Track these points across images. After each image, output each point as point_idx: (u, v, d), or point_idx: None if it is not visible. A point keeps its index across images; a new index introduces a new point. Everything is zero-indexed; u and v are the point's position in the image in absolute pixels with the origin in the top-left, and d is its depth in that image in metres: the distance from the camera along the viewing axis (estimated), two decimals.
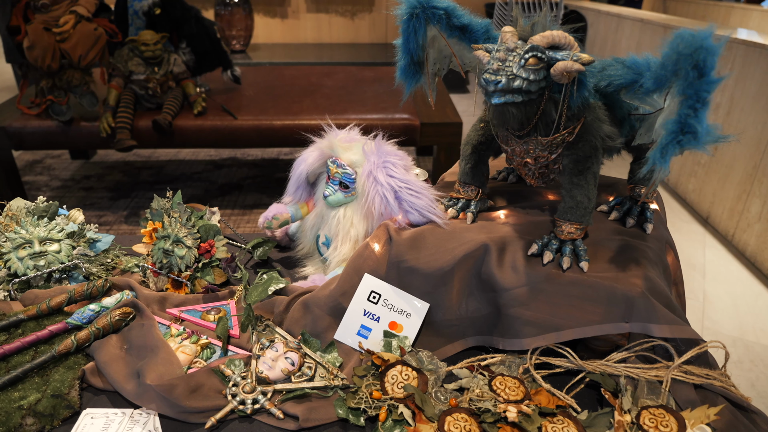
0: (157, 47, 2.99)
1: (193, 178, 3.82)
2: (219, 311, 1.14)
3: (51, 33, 2.76)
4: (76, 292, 1.13)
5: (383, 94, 3.46)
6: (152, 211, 1.27)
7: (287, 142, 3.15)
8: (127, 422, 0.94)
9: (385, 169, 1.11)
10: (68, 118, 2.94)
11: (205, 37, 3.24)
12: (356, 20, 5.52)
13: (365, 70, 3.93)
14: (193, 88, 3.11)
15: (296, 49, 5.56)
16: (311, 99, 3.34)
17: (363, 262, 1.08)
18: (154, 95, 3.04)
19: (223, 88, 3.48)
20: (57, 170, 3.83)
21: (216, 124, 3.03)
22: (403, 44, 1.14)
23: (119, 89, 2.99)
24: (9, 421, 0.91)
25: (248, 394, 0.96)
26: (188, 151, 4.21)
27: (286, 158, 4.13)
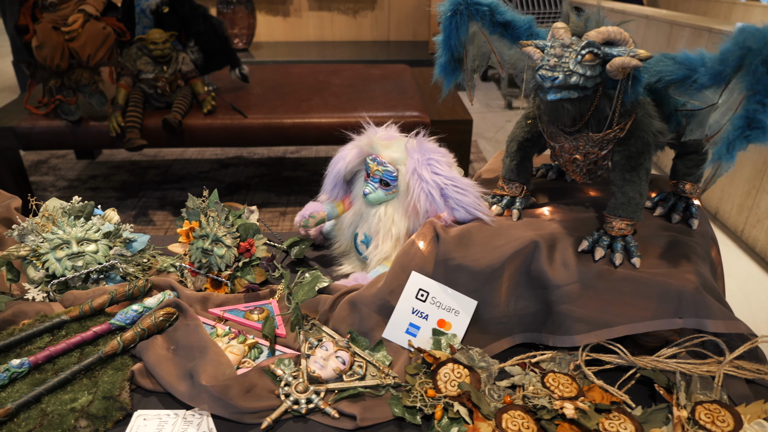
0: (166, 46, 2.97)
1: (200, 177, 3.81)
2: (262, 311, 1.13)
3: (60, 32, 2.74)
4: (117, 293, 1.12)
5: (392, 91, 3.45)
6: (188, 210, 1.26)
7: (297, 141, 3.14)
8: (181, 423, 0.94)
9: (429, 167, 1.10)
10: (77, 117, 2.91)
11: (213, 35, 3.22)
12: (358, 18, 5.50)
13: (372, 68, 3.92)
14: (201, 87, 3.10)
15: (298, 47, 5.54)
16: (320, 97, 3.32)
17: (409, 260, 1.07)
18: (163, 94, 3.02)
19: (231, 87, 3.46)
20: (63, 170, 3.80)
21: (226, 123, 3.01)
22: (443, 41, 1.14)
23: (128, 88, 2.97)
24: (63, 424, 0.90)
25: (301, 393, 0.96)
26: (194, 150, 4.19)
27: (293, 157, 4.12)
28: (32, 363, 1.00)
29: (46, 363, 1.02)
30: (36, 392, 0.94)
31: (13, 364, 0.98)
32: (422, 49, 5.47)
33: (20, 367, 0.98)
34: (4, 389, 0.97)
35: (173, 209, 3.35)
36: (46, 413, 0.93)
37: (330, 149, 4.23)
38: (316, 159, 4.10)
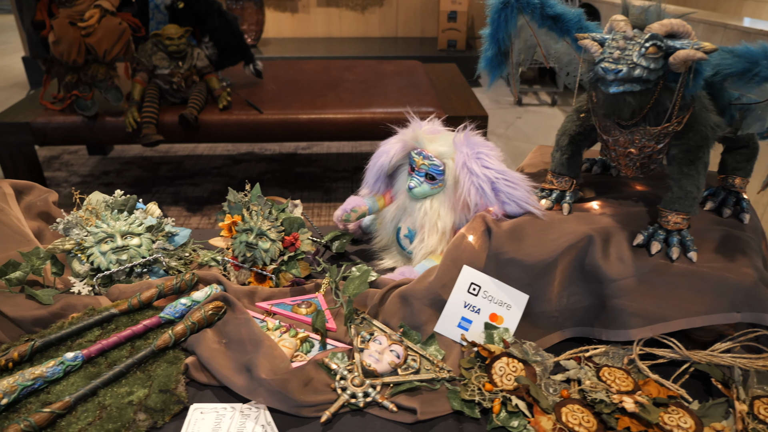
0: (182, 41, 2.96)
1: (213, 173, 3.80)
2: (309, 305, 1.13)
3: (76, 27, 2.73)
4: (165, 287, 1.11)
5: (405, 87, 3.44)
6: (230, 204, 1.25)
7: (313, 137, 3.13)
8: (238, 417, 0.93)
9: (479, 160, 1.10)
10: (93, 113, 2.90)
11: (227, 31, 3.21)
12: (366, 14, 5.49)
13: (384, 64, 3.91)
14: (217, 83, 3.09)
15: (306, 43, 5.53)
16: (334, 93, 3.32)
17: (460, 254, 1.07)
18: (179, 90, 3.01)
19: (244, 83, 3.45)
20: (75, 166, 3.79)
21: (241, 119, 3.00)
22: (491, 34, 1.14)
23: (144, 84, 2.96)
24: (122, 417, 0.90)
25: (358, 387, 0.96)
26: (206, 146, 4.17)
27: (304, 153, 4.11)
28: (85, 356, 0.99)
29: (98, 356, 1.01)
30: (92, 385, 0.94)
31: (67, 357, 0.98)
32: (431, 45, 5.46)
33: (74, 360, 0.98)
34: (59, 382, 0.97)
35: (187, 205, 3.35)
36: (104, 406, 0.92)
37: (342, 145, 4.22)
38: (327, 155, 4.09)
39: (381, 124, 3.13)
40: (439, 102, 3.20)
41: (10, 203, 1.31)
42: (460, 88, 3.56)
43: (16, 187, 1.37)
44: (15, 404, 0.93)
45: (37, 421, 0.87)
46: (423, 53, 5.21)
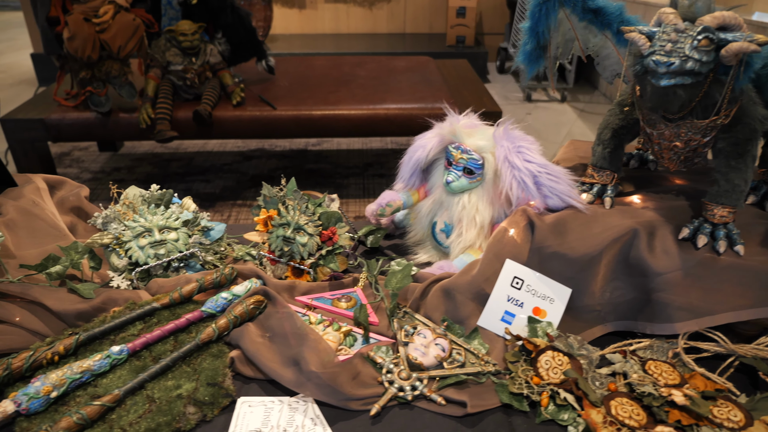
0: (195, 37, 2.95)
1: (224, 169, 3.79)
2: (349, 299, 1.13)
3: (91, 23, 2.72)
4: (205, 281, 1.11)
5: (418, 83, 3.44)
6: (265, 198, 1.25)
7: (326, 133, 3.13)
8: (287, 410, 0.94)
9: (520, 154, 1.10)
10: (107, 109, 2.90)
11: (240, 27, 3.21)
12: (374, 10, 5.48)
13: (395, 60, 3.91)
14: (230, 79, 3.08)
15: (314, 39, 5.52)
16: (347, 89, 3.31)
17: (502, 248, 1.07)
18: (192, 86, 3.01)
19: (256, 79, 3.45)
20: (86, 162, 3.79)
21: (255, 115, 3.00)
22: (531, 27, 1.13)
23: (157, 80, 2.96)
24: (172, 410, 0.90)
25: (405, 380, 0.96)
26: (216, 143, 4.17)
27: (315, 149, 4.10)
28: (130, 350, 1.00)
29: (143, 350, 1.01)
30: (140, 378, 0.94)
31: (113, 351, 0.98)
32: (439, 41, 5.45)
33: (120, 353, 0.98)
34: (105, 375, 0.97)
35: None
36: (153, 399, 0.92)
37: (352, 142, 4.22)
38: (338, 152, 4.09)
39: (395, 119, 3.13)
40: (452, 98, 3.20)
41: (44, 198, 1.31)
42: (472, 84, 3.56)
43: (48, 181, 1.37)
44: (63, 397, 0.93)
45: (88, 414, 0.87)
46: (431, 49, 5.21)
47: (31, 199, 1.27)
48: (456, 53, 5.13)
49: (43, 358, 0.97)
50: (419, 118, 3.14)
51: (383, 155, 4.03)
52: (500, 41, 5.38)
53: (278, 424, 0.91)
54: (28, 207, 1.24)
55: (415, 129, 3.31)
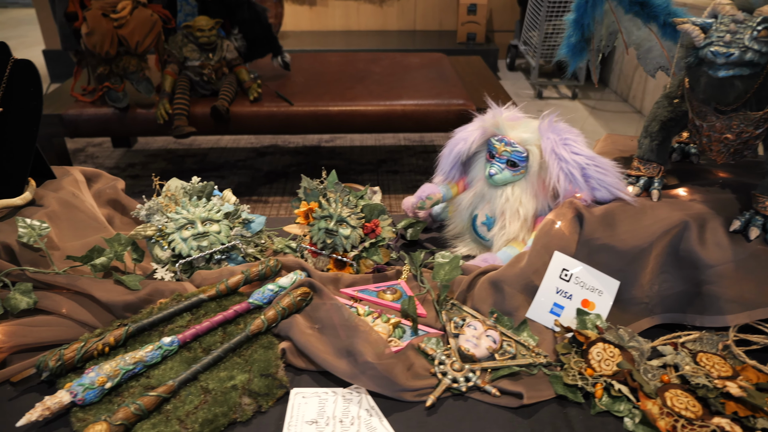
0: (212, 33, 2.95)
1: (238, 165, 3.79)
2: (395, 291, 1.13)
3: (109, 19, 2.72)
4: (251, 273, 1.11)
5: (434, 79, 3.43)
6: (306, 191, 1.25)
7: (343, 129, 3.13)
8: (341, 401, 0.93)
9: (567, 146, 1.09)
10: (125, 104, 2.90)
11: (256, 23, 3.21)
12: (385, 7, 5.48)
13: (410, 56, 3.90)
14: (246, 75, 3.08)
15: (324, 36, 5.52)
16: (363, 85, 3.31)
17: (550, 240, 1.07)
18: (209, 82, 3.01)
19: (272, 75, 3.44)
20: (101, 158, 3.79)
21: (272, 111, 3.00)
22: (576, 20, 1.13)
23: (174, 76, 2.96)
24: (227, 401, 0.90)
25: (458, 372, 0.95)
26: (229, 139, 4.17)
27: (328, 146, 4.10)
28: (181, 341, 0.99)
29: (192, 341, 1.01)
30: (193, 369, 0.94)
31: (164, 342, 0.98)
32: (449, 38, 5.45)
33: (171, 345, 0.98)
34: (157, 367, 0.97)
35: None
36: (208, 390, 0.92)
37: (365, 138, 4.21)
38: (351, 148, 4.08)
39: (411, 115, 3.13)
40: (467, 94, 3.19)
41: (82, 190, 1.31)
42: (487, 81, 3.55)
43: (85, 174, 1.37)
44: (117, 388, 0.93)
45: (145, 405, 0.87)
46: (441, 46, 5.20)
47: (71, 191, 1.27)
48: (466, 50, 5.12)
49: (94, 349, 0.97)
50: (436, 115, 3.13)
51: (396, 152, 4.03)
52: (510, 38, 5.37)
53: (333, 415, 0.91)
54: (69, 199, 1.24)
55: (431, 125, 3.32)
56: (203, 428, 0.87)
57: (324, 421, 0.90)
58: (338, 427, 0.89)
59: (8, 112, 1.15)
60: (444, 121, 3.10)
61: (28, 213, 1.17)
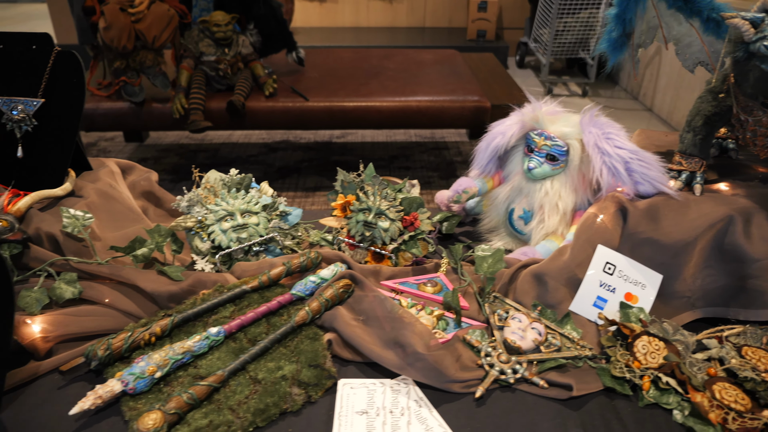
0: (228, 28, 2.95)
1: (250, 161, 3.79)
2: (435, 284, 1.13)
3: (126, 13, 2.72)
4: (293, 265, 1.12)
5: (448, 75, 3.43)
6: (343, 184, 1.25)
7: (358, 124, 3.13)
8: (389, 392, 0.94)
9: (609, 140, 1.09)
10: (141, 99, 2.90)
11: (272, 18, 3.21)
12: (394, 4, 5.47)
13: (423, 53, 3.90)
14: (261, 70, 3.08)
15: (334, 32, 5.51)
16: (377, 81, 3.31)
17: (593, 233, 1.07)
18: (225, 76, 3.01)
19: (286, 71, 3.44)
20: (113, 153, 3.79)
21: (288, 106, 3.00)
22: (618, 15, 1.13)
23: (190, 70, 2.96)
24: (278, 391, 0.90)
25: (505, 363, 0.96)
26: (241, 134, 4.17)
27: (339, 142, 4.10)
28: (226, 331, 1.00)
29: (238, 332, 1.02)
30: (242, 360, 0.94)
31: (211, 333, 0.98)
32: (458, 35, 5.44)
33: (217, 335, 0.99)
34: (204, 357, 0.97)
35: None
36: (257, 380, 0.93)
37: (376, 134, 4.21)
38: (362, 144, 4.08)
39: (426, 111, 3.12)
40: (482, 90, 3.19)
41: (118, 181, 1.31)
42: (500, 77, 3.55)
43: (120, 166, 1.37)
44: (165, 377, 0.93)
45: (197, 394, 0.87)
46: (451, 43, 5.19)
47: (108, 182, 1.27)
48: (477, 47, 5.12)
49: (141, 338, 0.97)
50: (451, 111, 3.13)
51: (408, 148, 4.03)
52: (520, 36, 5.36)
53: (383, 405, 0.91)
54: (107, 190, 1.24)
55: (446, 121, 3.31)
56: (255, 418, 0.87)
57: (374, 411, 0.90)
58: (388, 417, 0.89)
59: (50, 103, 1.15)
60: (459, 117, 3.10)
61: (68, 204, 1.17)
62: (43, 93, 1.15)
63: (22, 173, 1.17)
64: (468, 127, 3.59)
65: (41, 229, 1.08)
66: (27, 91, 1.15)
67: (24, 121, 1.15)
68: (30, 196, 1.13)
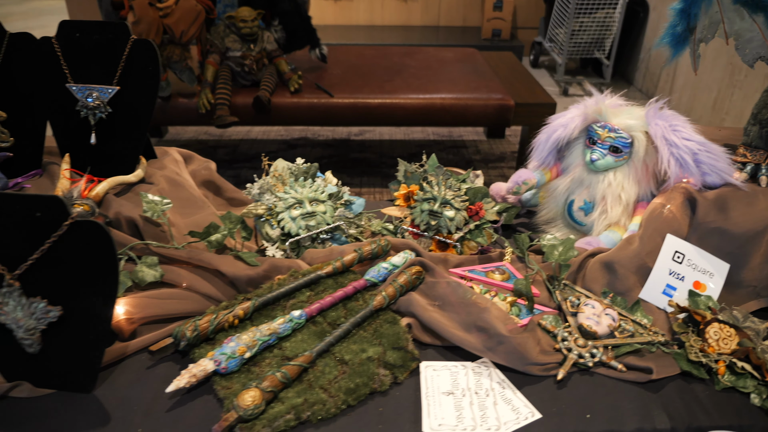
0: (255, 24, 2.97)
1: (270, 157, 3.80)
2: (503, 272, 1.15)
3: (155, 8, 2.74)
4: (364, 252, 1.14)
5: (470, 73, 3.45)
6: (406, 174, 1.27)
7: (383, 121, 3.15)
8: (471, 374, 0.96)
9: (677, 132, 1.12)
10: (167, 94, 2.92)
11: (296, 15, 3.23)
12: (409, 2, 5.50)
13: (443, 51, 3.92)
14: (286, 66, 3.10)
15: (348, 30, 5.53)
16: (401, 78, 3.33)
17: (661, 223, 1.10)
18: (250, 72, 3.03)
19: (308, 67, 3.46)
20: None
21: (312, 102, 3.02)
22: (683, 9, 1.15)
23: (216, 66, 2.97)
24: (366, 372, 0.93)
25: (582, 348, 0.98)
26: (259, 130, 4.19)
27: (357, 139, 4.12)
28: (308, 315, 1.02)
29: (317, 315, 1.04)
30: (327, 341, 0.96)
31: (294, 315, 1.00)
32: (472, 34, 5.47)
33: (300, 318, 1.01)
34: (287, 339, 0.99)
35: None
36: (344, 362, 0.95)
37: (394, 132, 4.23)
38: (381, 141, 4.11)
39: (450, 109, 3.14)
40: (505, 88, 3.22)
41: (182, 170, 1.33)
42: (522, 76, 3.58)
43: (181, 154, 1.39)
44: (252, 358, 0.95)
45: (289, 373, 0.89)
46: (465, 42, 5.22)
47: (174, 170, 1.29)
48: (491, 46, 5.14)
49: (225, 321, 1.00)
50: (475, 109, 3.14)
51: (426, 146, 4.05)
52: (534, 35, 5.39)
53: (468, 386, 0.94)
54: (174, 177, 1.26)
55: (470, 119, 3.33)
56: (347, 396, 0.89)
57: (460, 392, 0.93)
58: (474, 398, 0.92)
59: (125, 90, 1.17)
60: (483, 115, 3.12)
61: (141, 190, 1.19)
62: (118, 81, 1.17)
63: (96, 160, 1.19)
64: (491, 125, 3.61)
65: (121, 213, 1.10)
66: (102, 79, 1.17)
67: (98, 108, 1.17)
68: (107, 182, 1.15)
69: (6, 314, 0.85)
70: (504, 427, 0.86)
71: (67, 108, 1.18)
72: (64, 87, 1.17)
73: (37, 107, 1.22)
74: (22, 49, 1.19)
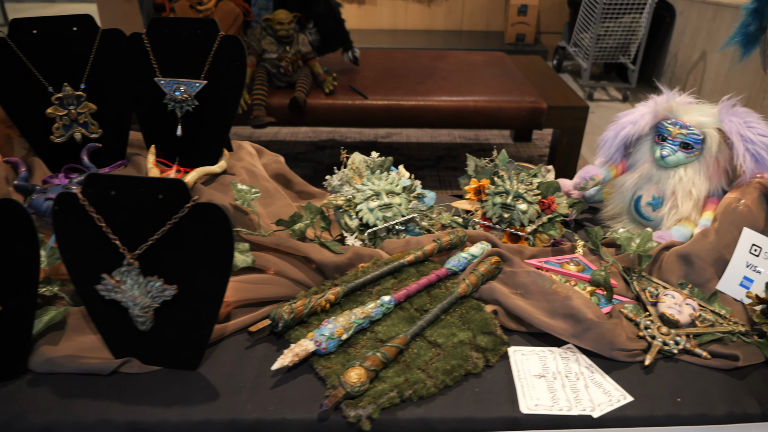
0: (291, 26, 3.02)
1: (299, 158, 3.85)
2: (578, 263, 1.18)
3: (195, 10, 2.81)
4: (444, 242, 1.17)
5: (501, 76, 3.49)
6: (476, 169, 1.31)
7: (416, 123, 3.18)
8: (559, 359, 0.99)
9: (752, 129, 1.15)
10: None
11: (330, 17, 3.28)
12: (433, 7, 5.55)
13: (472, 55, 3.96)
14: (320, 68, 3.15)
15: (372, 34, 5.59)
16: (433, 81, 3.37)
17: (737, 217, 1.13)
18: (286, 74, 3.07)
19: (340, 69, 3.50)
20: None
21: (347, 104, 3.06)
22: (756, 9, 1.18)
23: (252, 67, 3.03)
24: (461, 354, 0.96)
25: (666, 336, 1.01)
26: (287, 132, 4.24)
27: (384, 141, 4.16)
28: (396, 300, 1.05)
29: (404, 301, 1.07)
30: (419, 325, 1.00)
31: (384, 300, 1.03)
32: (495, 39, 5.51)
33: (389, 303, 1.04)
34: (378, 323, 1.02)
35: None
36: (437, 344, 0.98)
37: (421, 135, 4.27)
38: (408, 144, 4.14)
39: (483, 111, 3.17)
40: (536, 92, 3.25)
41: (256, 162, 1.37)
42: (552, 80, 3.61)
43: (253, 147, 1.43)
44: (348, 340, 0.99)
45: (388, 353, 0.93)
46: (489, 46, 5.26)
47: (251, 162, 1.33)
48: (516, 51, 5.18)
49: (318, 305, 1.03)
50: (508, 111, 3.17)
51: (453, 149, 4.08)
52: (557, 40, 5.43)
53: (558, 370, 0.96)
54: (252, 169, 1.30)
55: (502, 122, 3.36)
56: (445, 377, 0.92)
57: (551, 375, 0.95)
58: (566, 381, 0.94)
59: (212, 85, 1.21)
60: (516, 118, 3.15)
61: (225, 181, 1.23)
62: (205, 75, 1.21)
63: (183, 151, 1.23)
64: (523, 127, 3.64)
65: (212, 201, 1.14)
66: (190, 73, 1.21)
67: (186, 101, 1.21)
68: (196, 171, 1.19)
69: (123, 292, 0.89)
70: (599, 409, 0.89)
71: (155, 101, 1.22)
72: (153, 81, 1.22)
73: (124, 100, 1.26)
74: (112, 45, 1.24)
